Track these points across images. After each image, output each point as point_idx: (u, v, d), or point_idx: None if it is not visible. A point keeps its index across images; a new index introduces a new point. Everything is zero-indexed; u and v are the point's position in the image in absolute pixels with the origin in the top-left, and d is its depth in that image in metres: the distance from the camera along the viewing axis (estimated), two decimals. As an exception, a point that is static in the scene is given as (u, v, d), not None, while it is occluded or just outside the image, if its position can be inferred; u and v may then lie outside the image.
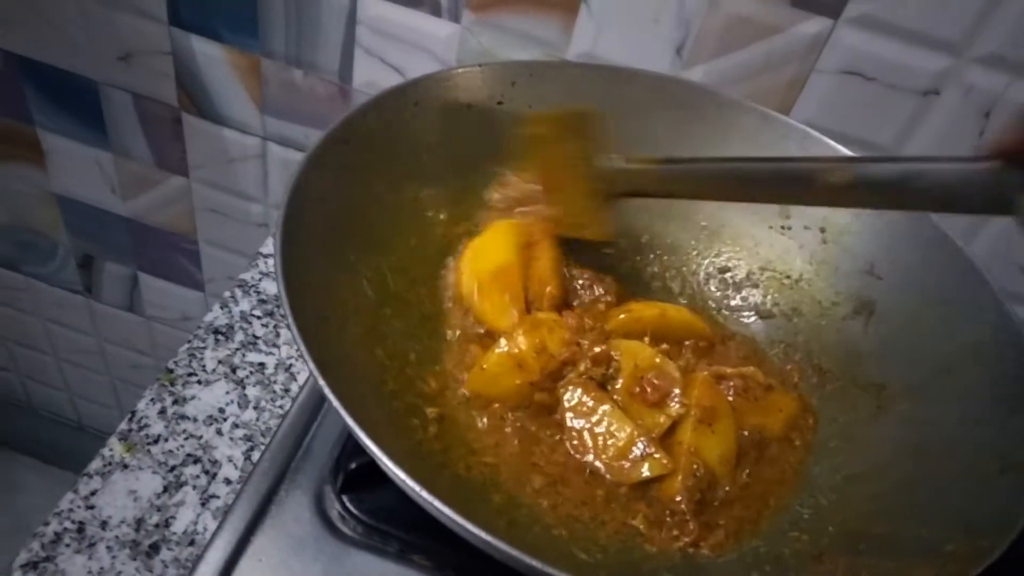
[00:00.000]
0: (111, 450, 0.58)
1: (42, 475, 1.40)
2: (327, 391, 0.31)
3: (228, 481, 0.58)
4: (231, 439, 0.60)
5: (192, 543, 0.54)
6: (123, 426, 0.60)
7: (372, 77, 0.75)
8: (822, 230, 0.53)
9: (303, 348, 0.32)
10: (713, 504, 0.42)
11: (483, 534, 0.30)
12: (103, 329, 1.15)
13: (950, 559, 0.33)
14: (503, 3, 0.65)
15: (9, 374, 1.30)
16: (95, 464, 0.57)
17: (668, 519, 0.41)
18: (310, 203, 0.41)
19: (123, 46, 0.80)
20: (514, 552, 0.30)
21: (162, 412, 0.62)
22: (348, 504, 0.44)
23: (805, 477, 0.43)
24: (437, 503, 0.30)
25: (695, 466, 0.41)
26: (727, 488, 0.42)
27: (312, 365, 0.32)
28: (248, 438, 0.60)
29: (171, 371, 0.65)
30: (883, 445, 0.44)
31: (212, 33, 0.76)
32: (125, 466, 0.58)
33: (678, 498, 0.41)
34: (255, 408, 0.62)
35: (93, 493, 0.56)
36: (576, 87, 0.54)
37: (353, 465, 0.44)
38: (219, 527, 0.42)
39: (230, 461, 0.59)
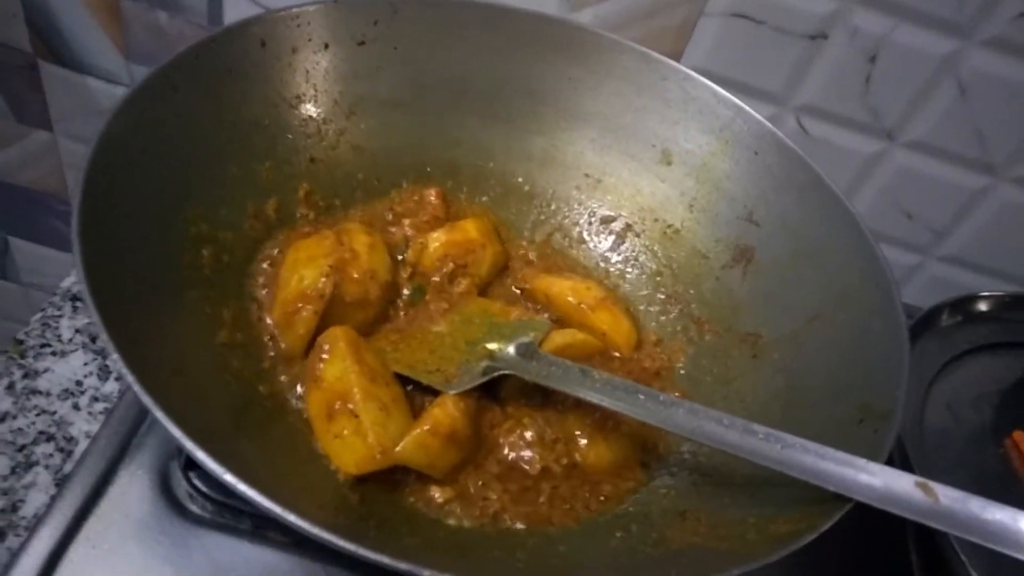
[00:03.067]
0: (-51, 431, 0.53)
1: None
2: (126, 369, 0.28)
3: (84, 459, 0.53)
4: (89, 413, 0.56)
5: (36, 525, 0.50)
6: (-36, 405, 0.55)
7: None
8: (703, 176, 0.51)
9: (99, 321, 0.29)
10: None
11: (305, 524, 0.27)
12: (-26, 299, 1.07)
13: (806, 511, 0.32)
14: (379, -62, 0.61)
15: None
16: (-71, 448, 0.52)
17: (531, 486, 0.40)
18: (125, 158, 0.36)
19: (-41, -16, 0.71)
20: (341, 542, 0.27)
21: (10, 387, 0.57)
22: (195, 481, 0.40)
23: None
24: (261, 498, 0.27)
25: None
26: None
27: (108, 336, 0.28)
28: (109, 412, 0.56)
29: (21, 342, 0.59)
30: (756, 394, 0.43)
31: (60, -31, 0.69)
32: (-35, 448, 0.53)
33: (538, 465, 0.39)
34: (117, 379, 0.58)
35: (-73, 479, 0.51)
36: (446, 26, 0.50)
37: (199, 438, 0.41)
38: (45, 512, 0.38)
39: (87, 437, 0.54)
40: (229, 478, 0.27)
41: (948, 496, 0.30)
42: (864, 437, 0.35)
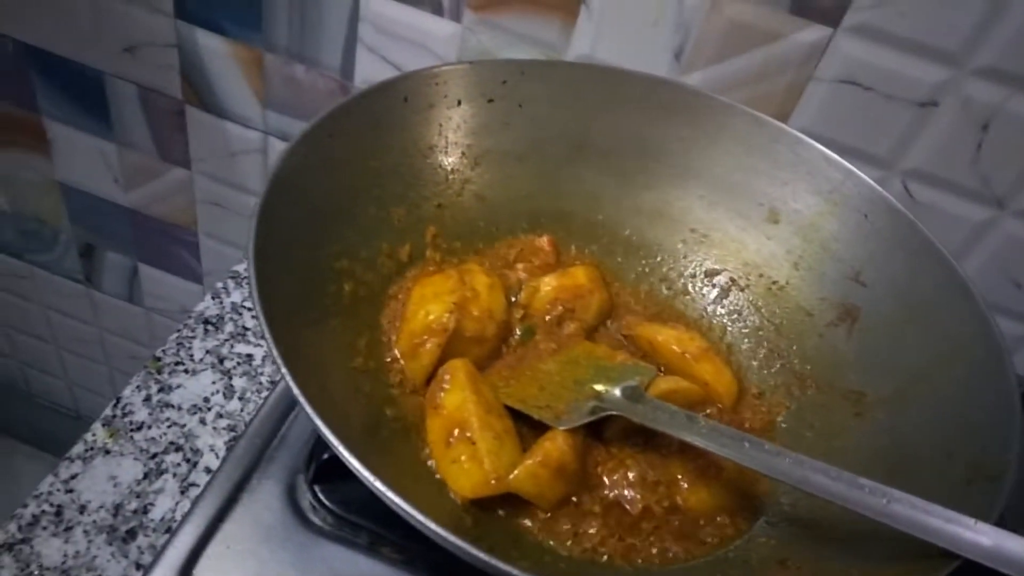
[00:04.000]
0: (94, 435, 0.59)
1: (39, 463, 1.40)
2: (291, 382, 0.31)
3: (208, 470, 0.58)
4: (214, 428, 0.60)
5: (169, 530, 0.54)
6: (107, 412, 0.61)
7: (373, 74, 0.75)
8: (810, 235, 0.52)
9: (268, 336, 0.33)
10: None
11: (445, 533, 0.30)
12: (103, 319, 1.16)
13: (911, 566, 0.33)
14: (503, 3, 0.66)
15: (9, 361, 1.31)
16: (77, 448, 0.58)
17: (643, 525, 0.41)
18: (289, 195, 0.41)
19: (129, 38, 0.80)
20: (476, 552, 0.30)
21: (147, 399, 0.62)
22: (319, 494, 0.44)
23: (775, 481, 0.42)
24: (399, 500, 0.30)
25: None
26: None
27: (276, 352, 0.32)
28: (231, 428, 0.61)
29: (159, 359, 0.65)
30: (858, 452, 0.43)
31: (216, 26, 0.77)
32: (107, 451, 0.58)
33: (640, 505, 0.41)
34: (240, 399, 0.63)
35: (73, 477, 0.56)
36: (567, 87, 0.54)
37: (325, 456, 0.44)
38: (188, 512, 0.42)
39: (211, 450, 0.59)
40: (379, 485, 0.30)
41: (1061, 559, 0.30)
42: (973, 498, 0.35)
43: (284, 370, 0.32)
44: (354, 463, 0.31)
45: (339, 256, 0.45)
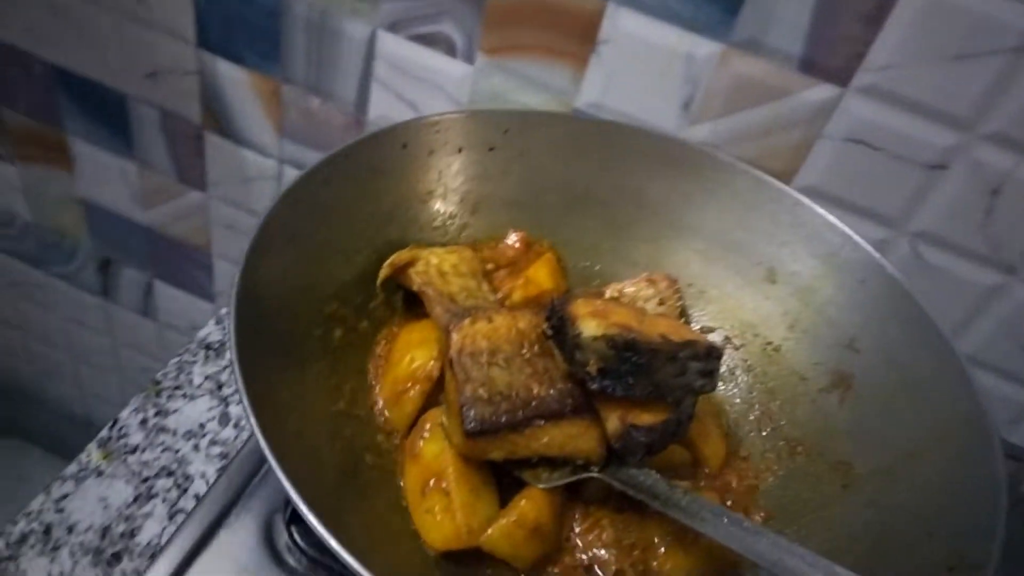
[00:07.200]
0: (88, 456, 0.60)
1: (51, 468, 1.42)
2: (254, 423, 0.32)
3: (197, 497, 0.58)
4: (207, 455, 0.61)
5: (153, 556, 0.54)
6: (104, 433, 0.61)
7: (387, 111, 0.76)
8: (806, 298, 0.52)
9: (239, 378, 0.33)
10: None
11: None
12: (117, 331, 1.17)
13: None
14: (516, 48, 0.66)
15: (25, 368, 1.33)
16: (71, 468, 0.59)
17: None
18: (281, 239, 0.41)
19: (152, 63, 0.82)
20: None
21: (143, 422, 0.63)
22: (295, 535, 0.44)
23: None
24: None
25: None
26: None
27: (245, 394, 0.32)
28: (224, 455, 0.61)
29: (158, 383, 0.66)
30: (843, 524, 0.42)
31: (237, 56, 0.78)
32: (100, 473, 0.59)
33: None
34: (235, 426, 0.63)
35: (65, 497, 0.57)
36: (569, 138, 0.54)
37: (304, 497, 0.44)
38: (163, 548, 0.42)
39: (202, 477, 0.59)
40: (334, 544, 0.30)
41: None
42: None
43: (253, 419, 0.32)
44: (312, 520, 0.31)
45: (330, 300, 0.45)
